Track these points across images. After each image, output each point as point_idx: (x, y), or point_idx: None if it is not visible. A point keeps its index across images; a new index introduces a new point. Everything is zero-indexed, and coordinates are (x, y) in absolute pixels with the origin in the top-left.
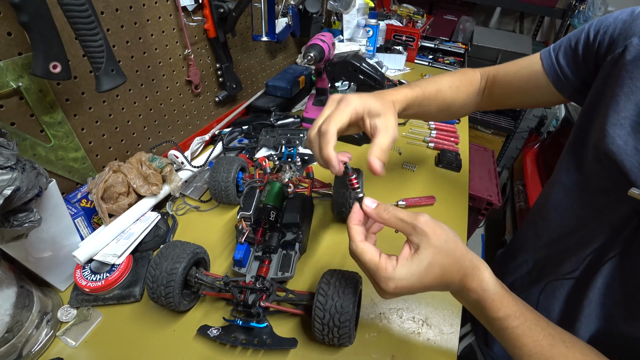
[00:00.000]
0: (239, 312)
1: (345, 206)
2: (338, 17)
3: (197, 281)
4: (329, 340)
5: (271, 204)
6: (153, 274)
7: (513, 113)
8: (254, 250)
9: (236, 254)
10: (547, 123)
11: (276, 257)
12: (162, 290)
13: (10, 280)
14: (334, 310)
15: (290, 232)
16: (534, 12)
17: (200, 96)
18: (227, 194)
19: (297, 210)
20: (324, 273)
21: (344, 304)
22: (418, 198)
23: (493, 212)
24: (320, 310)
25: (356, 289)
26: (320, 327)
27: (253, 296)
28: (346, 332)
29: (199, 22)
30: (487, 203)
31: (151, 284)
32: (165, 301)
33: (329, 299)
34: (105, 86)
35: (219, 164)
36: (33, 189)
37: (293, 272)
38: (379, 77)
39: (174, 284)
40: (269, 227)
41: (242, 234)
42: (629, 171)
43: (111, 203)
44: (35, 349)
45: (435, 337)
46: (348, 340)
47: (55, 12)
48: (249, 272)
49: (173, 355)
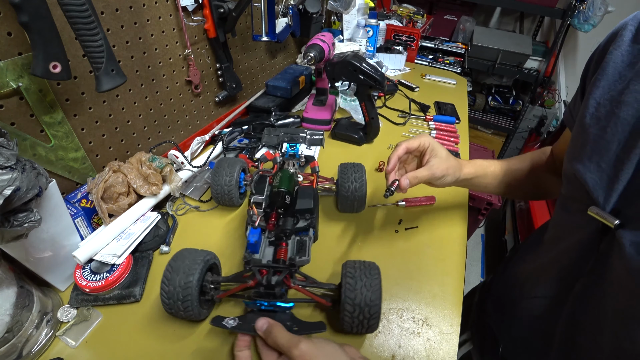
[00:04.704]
0: (260, 294)
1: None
2: (338, 17)
3: (212, 287)
4: (357, 330)
5: (285, 188)
6: (167, 290)
7: (513, 113)
8: (266, 237)
9: (250, 238)
10: (547, 123)
11: (290, 243)
12: (180, 305)
13: (10, 280)
14: (364, 304)
15: (303, 218)
16: (534, 12)
17: (200, 96)
18: (230, 197)
19: (310, 197)
20: (344, 265)
21: (373, 296)
22: (418, 198)
23: (493, 212)
24: (350, 305)
25: (380, 279)
26: (351, 320)
27: (276, 277)
28: (375, 321)
29: (199, 22)
30: (487, 203)
31: (167, 300)
32: (185, 315)
33: (357, 294)
34: (105, 86)
35: (220, 167)
36: (33, 189)
37: (309, 257)
38: (379, 77)
39: (191, 297)
40: (284, 211)
41: (253, 220)
42: (592, 189)
43: (111, 203)
44: (35, 349)
45: (435, 337)
46: (376, 326)
47: (55, 12)
48: (263, 257)
49: (173, 355)
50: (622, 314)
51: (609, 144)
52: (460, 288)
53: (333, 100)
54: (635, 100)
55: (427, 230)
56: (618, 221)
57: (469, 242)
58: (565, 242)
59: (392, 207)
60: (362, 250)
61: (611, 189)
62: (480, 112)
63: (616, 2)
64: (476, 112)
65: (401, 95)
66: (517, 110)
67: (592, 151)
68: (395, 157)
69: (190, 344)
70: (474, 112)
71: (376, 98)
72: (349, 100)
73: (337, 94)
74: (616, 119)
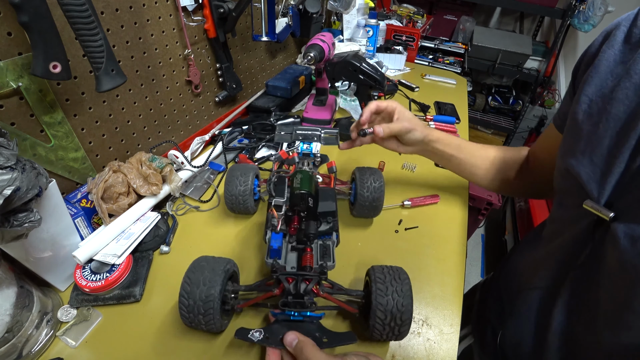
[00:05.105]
0: (288, 303)
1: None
2: (338, 17)
3: (233, 297)
4: (387, 338)
5: (307, 189)
6: (187, 304)
7: (513, 113)
8: (287, 241)
9: (273, 243)
10: (547, 123)
11: (313, 248)
12: (202, 320)
13: (10, 280)
14: (396, 310)
15: (326, 221)
16: (534, 12)
17: (200, 96)
18: (245, 207)
19: (332, 198)
20: (370, 271)
21: (405, 302)
22: (423, 197)
23: (493, 212)
24: (381, 312)
25: (410, 284)
26: (382, 327)
27: (304, 285)
28: (407, 327)
29: (199, 22)
30: (487, 203)
31: (187, 314)
32: (206, 328)
33: (389, 299)
34: (105, 86)
35: (233, 175)
36: (33, 189)
37: (334, 262)
38: (379, 77)
39: (213, 311)
40: (307, 214)
41: (273, 224)
42: (585, 183)
43: (111, 203)
44: (35, 349)
45: (435, 337)
46: (406, 333)
47: (55, 12)
48: (287, 263)
49: (173, 355)
50: (617, 305)
51: (601, 139)
52: (460, 288)
53: (333, 100)
54: (626, 96)
55: (427, 230)
56: (613, 214)
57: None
58: (561, 235)
59: (393, 208)
60: (362, 250)
61: (604, 182)
62: (480, 112)
63: (616, 2)
64: (476, 112)
65: (401, 95)
66: (517, 110)
67: (585, 146)
68: (368, 112)
69: (190, 343)
70: (474, 112)
71: (376, 98)
72: (349, 100)
73: (337, 94)
74: (608, 115)
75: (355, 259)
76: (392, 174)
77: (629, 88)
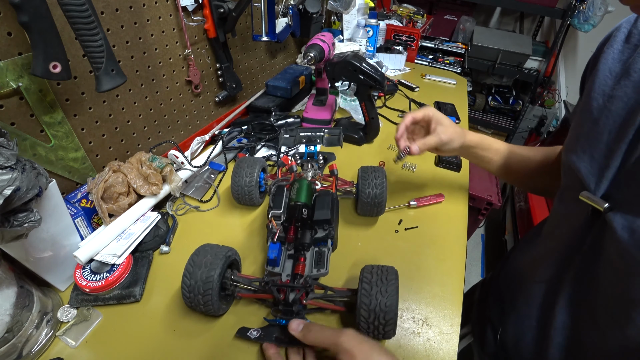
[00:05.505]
0: (279, 311)
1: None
2: (338, 17)
3: (232, 284)
4: (374, 336)
5: (302, 201)
6: (189, 284)
7: (513, 113)
8: (286, 248)
9: (270, 254)
10: (547, 123)
11: (309, 255)
12: (201, 299)
13: (10, 280)
14: (379, 309)
15: (322, 229)
16: (534, 12)
17: (200, 96)
18: (250, 198)
19: (328, 206)
20: (362, 270)
21: (388, 302)
22: (428, 197)
23: (493, 212)
24: (365, 311)
25: (397, 285)
26: (366, 326)
27: (293, 294)
28: (391, 327)
29: (199, 22)
30: (487, 203)
31: (188, 294)
32: (204, 309)
33: (372, 299)
34: (105, 86)
35: (240, 167)
36: (33, 189)
37: (327, 269)
38: (379, 77)
39: (212, 292)
40: (301, 224)
41: (272, 233)
42: (584, 177)
43: (111, 203)
44: (35, 349)
45: (435, 337)
46: (393, 333)
47: (55, 12)
48: (283, 270)
49: (173, 355)
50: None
51: (601, 135)
52: (460, 288)
53: (333, 100)
54: (625, 94)
55: (427, 230)
56: (607, 204)
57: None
58: (560, 229)
59: (399, 208)
60: (362, 250)
61: (602, 176)
62: (480, 112)
63: (616, 2)
64: (476, 112)
65: (401, 95)
66: (517, 110)
67: (586, 143)
68: (403, 126)
69: (190, 343)
70: (474, 112)
71: (376, 98)
72: (349, 100)
73: (337, 94)
74: (608, 112)
75: (354, 258)
76: (393, 174)
77: (628, 86)
